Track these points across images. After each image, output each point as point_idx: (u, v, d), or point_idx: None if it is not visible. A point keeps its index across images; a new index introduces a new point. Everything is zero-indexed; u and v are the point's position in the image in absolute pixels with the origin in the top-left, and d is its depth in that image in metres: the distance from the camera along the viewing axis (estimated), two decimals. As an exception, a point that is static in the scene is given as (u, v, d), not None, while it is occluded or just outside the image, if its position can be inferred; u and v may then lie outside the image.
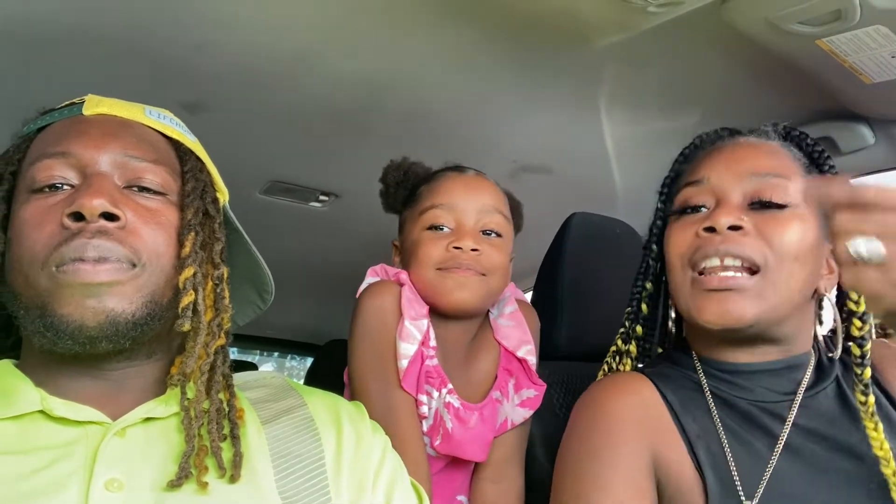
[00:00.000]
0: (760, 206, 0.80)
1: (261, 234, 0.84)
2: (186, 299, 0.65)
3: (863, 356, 0.80)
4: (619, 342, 0.96)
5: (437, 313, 1.02)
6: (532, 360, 1.08)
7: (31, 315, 0.62)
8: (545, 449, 1.07)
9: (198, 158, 0.73)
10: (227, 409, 0.67)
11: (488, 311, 1.12)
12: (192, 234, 0.67)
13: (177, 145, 0.72)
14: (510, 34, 1.05)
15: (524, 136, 1.34)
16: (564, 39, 1.05)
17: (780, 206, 0.80)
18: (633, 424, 0.80)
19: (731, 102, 1.19)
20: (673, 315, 0.96)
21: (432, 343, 1.00)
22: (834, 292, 0.87)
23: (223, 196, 0.76)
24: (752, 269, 0.78)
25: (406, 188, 1.10)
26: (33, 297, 0.62)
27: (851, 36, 0.93)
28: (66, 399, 0.62)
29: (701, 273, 0.80)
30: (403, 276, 1.02)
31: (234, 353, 3.07)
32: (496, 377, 1.07)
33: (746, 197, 0.81)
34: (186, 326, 0.64)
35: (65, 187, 0.64)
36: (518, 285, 1.19)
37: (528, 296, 1.29)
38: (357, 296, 1.04)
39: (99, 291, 0.60)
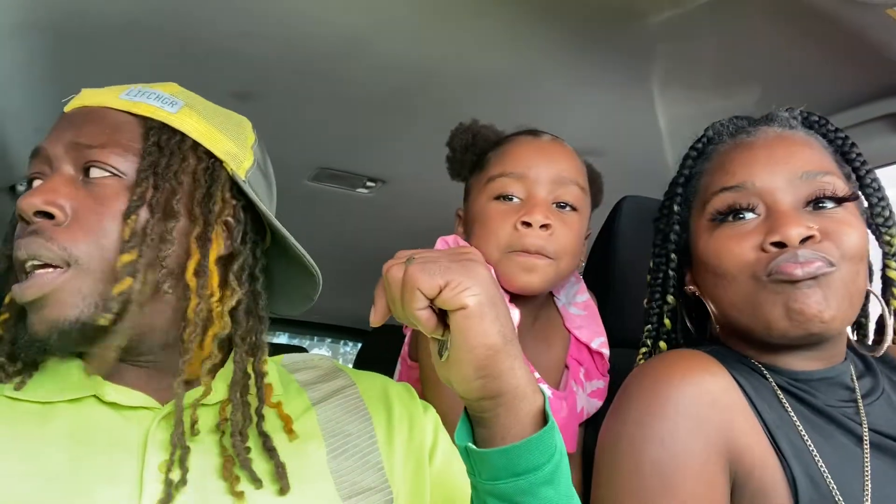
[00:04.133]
0: (814, 206, 0.75)
1: (309, 222, 0.85)
2: (117, 287, 0.59)
3: None
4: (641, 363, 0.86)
5: None
6: (606, 352, 1.04)
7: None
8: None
9: (173, 131, 0.66)
10: (255, 419, 0.63)
11: (554, 296, 1.08)
12: (134, 216, 0.61)
13: (146, 122, 0.66)
14: (559, 13, 1.02)
15: (573, 119, 1.30)
16: (616, 17, 1.01)
17: (837, 205, 0.75)
18: (705, 408, 0.71)
19: (792, 79, 1.13)
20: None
21: None
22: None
23: (231, 166, 0.68)
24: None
25: (474, 153, 1.02)
26: None
27: (926, 3, 0.88)
28: (118, 384, 0.63)
29: (771, 275, 0.72)
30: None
31: (283, 338, 3.14)
32: (567, 366, 1.03)
33: (800, 199, 0.75)
34: (102, 320, 0.59)
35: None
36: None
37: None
38: None
39: (35, 305, 0.59)
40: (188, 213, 0.64)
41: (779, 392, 0.75)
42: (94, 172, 0.63)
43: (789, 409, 0.73)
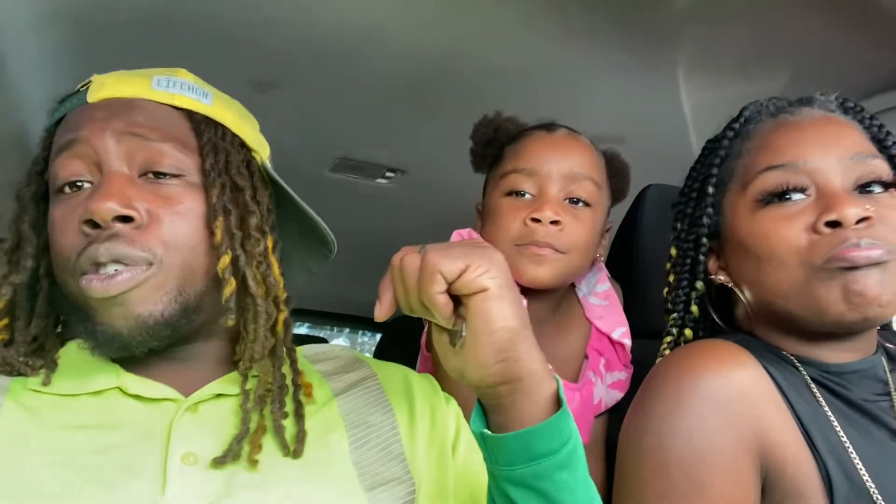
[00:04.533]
0: (862, 190, 0.72)
1: (328, 212, 0.84)
2: (228, 289, 0.62)
3: None
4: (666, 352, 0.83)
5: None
6: (627, 342, 1.02)
7: (77, 317, 0.63)
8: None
9: (216, 124, 0.68)
10: (291, 388, 0.66)
11: (575, 286, 1.07)
12: (221, 217, 0.63)
13: (190, 115, 0.67)
14: (581, -4, 1.00)
15: (596, 105, 1.28)
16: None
17: (884, 190, 0.72)
18: (734, 401, 0.67)
19: (823, 62, 1.10)
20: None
21: None
22: None
23: (259, 154, 0.71)
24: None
25: (495, 147, 1.01)
26: (74, 302, 0.63)
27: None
28: (141, 376, 0.64)
29: (828, 261, 0.69)
30: None
31: (304, 329, 3.15)
32: (586, 356, 1.02)
33: (850, 182, 0.72)
34: (230, 322, 0.62)
35: (85, 185, 0.63)
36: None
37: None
38: None
39: (119, 300, 0.59)
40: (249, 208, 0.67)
41: (811, 384, 0.72)
42: (157, 168, 0.63)
43: (822, 402, 0.70)
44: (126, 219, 0.60)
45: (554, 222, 0.91)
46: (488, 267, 0.52)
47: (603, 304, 1.05)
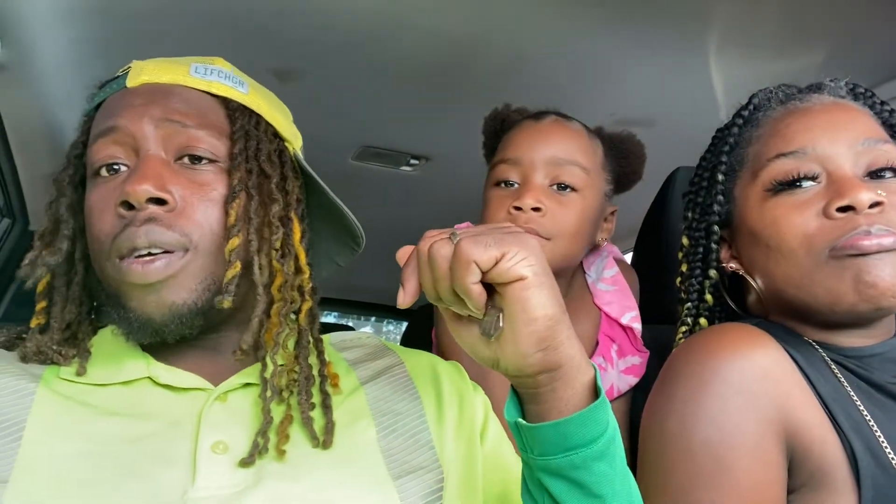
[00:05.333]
0: (872, 176, 0.71)
1: (352, 200, 0.83)
2: (231, 272, 0.62)
3: None
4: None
5: None
6: (637, 326, 1.02)
7: (111, 302, 0.63)
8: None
9: (252, 113, 0.69)
10: (317, 379, 0.65)
11: (584, 272, 1.07)
12: (238, 201, 0.63)
13: (226, 103, 0.68)
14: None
15: (624, 88, 1.26)
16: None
17: (895, 175, 0.71)
18: (757, 382, 0.67)
19: (861, 38, 1.06)
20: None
21: None
22: None
23: (292, 145, 0.72)
24: None
25: (501, 139, 1.02)
26: (108, 287, 0.63)
27: None
28: (171, 365, 0.64)
29: (837, 248, 0.69)
30: None
31: (332, 317, 3.17)
32: (597, 343, 1.02)
33: (861, 167, 0.71)
34: (226, 303, 0.61)
35: (122, 169, 0.64)
36: (618, 246, 1.14)
37: (628, 257, 1.22)
38: None
39: (155, 288, 0.60)
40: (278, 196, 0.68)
41: (832, 365, 0.71)
42: (192, 153, 0.64)
43: (844, 382, 0.69)
44: (160, 202, 0.61)
45: (536, 209, 0.91)
46: (525, 254, 0.50)
47: (611, 289, 1.05)
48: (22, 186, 1.51)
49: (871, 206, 0.68)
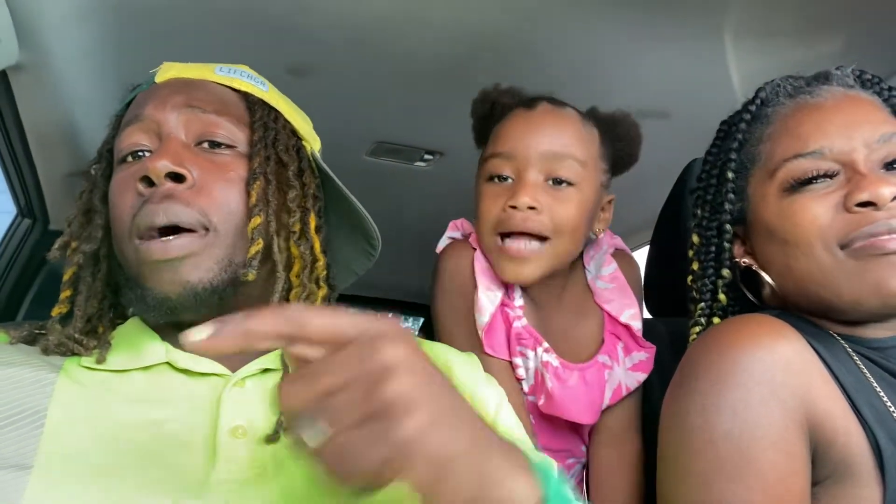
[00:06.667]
0: (888, 169, 0.70)
1: (367, 197, 0.84)
2: (254, 248, 0.64)
3: None
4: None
5: None
6: (636, 324, 1.00)
7: (129, 285, 0.65)
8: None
9: (270, 108, 0.72)
10: None
11: (584, 268, 1.06)
12: (258, 182, 0.65)
13: (246, 97, 0.72)
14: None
15: (638, 80, 1.24)
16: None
17: None
18: (779, 372, 0.65)
19: (879, 26, 1.03)
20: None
21: (518, 303, 0.95)
22: None
23: (310, 145, 0.75)
24: None
25: (493, 123, 0.99)
26: (128, 269, 0.65)
27: None
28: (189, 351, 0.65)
29: (847, 246, 0.68)
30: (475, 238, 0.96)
31: (348, 314, 3.21)
32: (603, 340, 1.01)
33: (878, 162, 0.71)
34: (251, 276, 0.63)
35: (146, 154, 0.66)
36: (635, 239, 1.13)
37: (645, 250, 1.22)
38: (437, 251, 1.00)
39: (173, 265, 0.61)
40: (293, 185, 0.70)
41: (854, 356, 0.70)
42: (211, 138, 0.66)
43: (866, 373, 0.68)
44: (179, 178, 0.62)
45: (532, 207, 0.89)
46: (409, 451, 0.36)
47: (610, 286, 1.03)
48: (42, 187, 1.53)
49: (893, 200, 0.67)
